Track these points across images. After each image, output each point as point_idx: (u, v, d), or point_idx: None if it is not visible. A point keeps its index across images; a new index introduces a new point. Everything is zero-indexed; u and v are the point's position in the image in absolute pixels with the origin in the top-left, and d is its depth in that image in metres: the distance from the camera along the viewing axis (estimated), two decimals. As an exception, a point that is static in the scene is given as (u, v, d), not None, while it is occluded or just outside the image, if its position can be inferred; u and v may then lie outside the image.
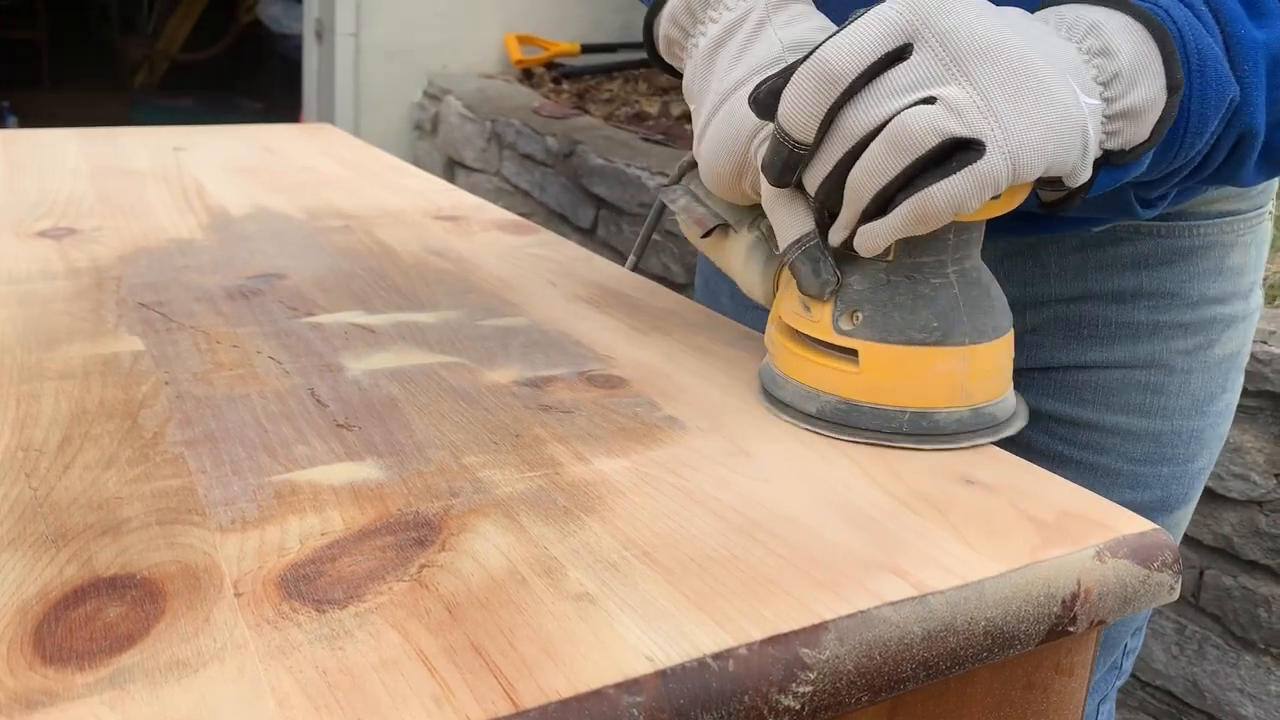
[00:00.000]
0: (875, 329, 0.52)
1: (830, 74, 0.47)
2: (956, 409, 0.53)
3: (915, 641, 0.39)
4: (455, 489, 0.46)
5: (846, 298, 0.53)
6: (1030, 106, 0.46)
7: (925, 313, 0.52)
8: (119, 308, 0.68)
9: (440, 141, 3.20)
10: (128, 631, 0.36)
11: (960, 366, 0.52)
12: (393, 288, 0.75)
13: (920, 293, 0.52)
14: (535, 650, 0.36)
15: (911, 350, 0.52)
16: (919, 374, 0.52)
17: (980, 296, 0.54)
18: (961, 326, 0.52)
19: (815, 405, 0.54)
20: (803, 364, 0.55)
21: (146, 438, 0.50)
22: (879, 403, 0.53)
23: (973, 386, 0.53)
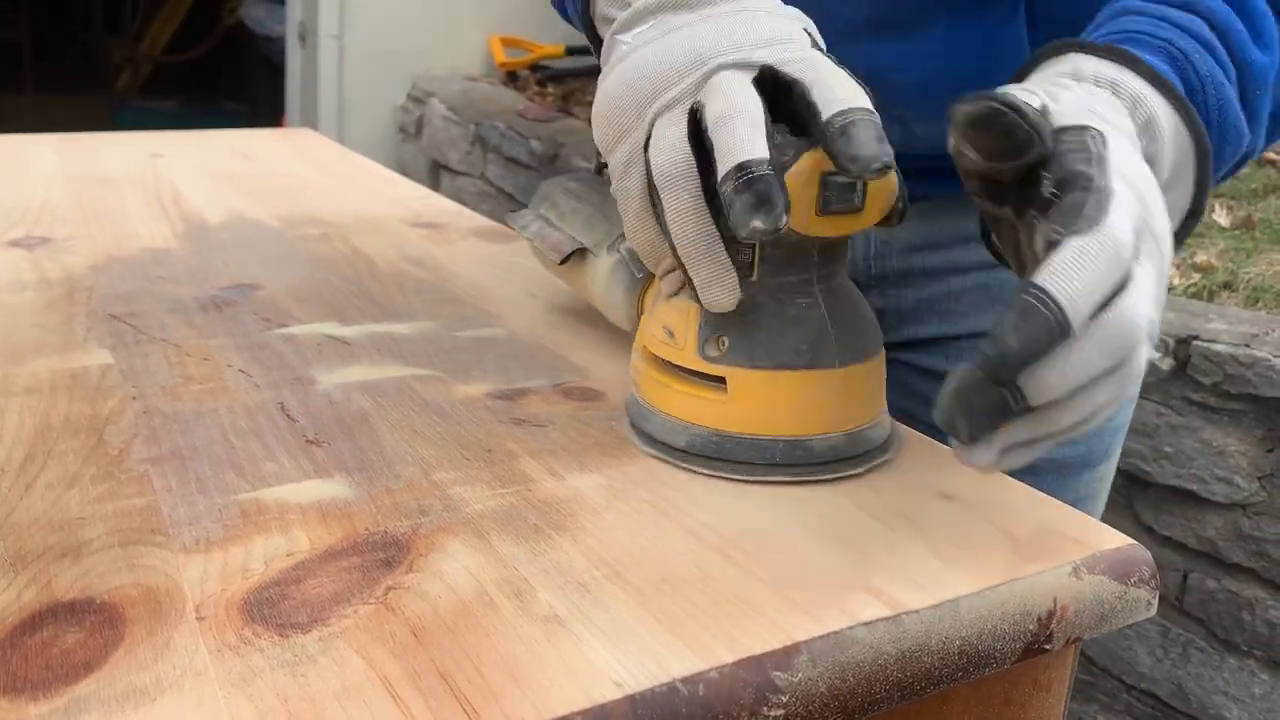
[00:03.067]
0: (742, 354, 0.49)
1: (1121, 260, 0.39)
2: (830, 435, 0.50)
3: (889, 662, 0.39)
4: (425, 507, 0.46)
5: (711, 322, 0.50)
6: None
7: (793, 335, 0.49)
8: (89, 319, 0.67)
9: (424, 144, 3.19)
10: (85, 659, 0.35)
11: (833, 390, 0.50)
12: (368, 298, 0.74)
13: (787, 314, 0.49)
14: (501, 675, 0.35)
15: (781, 375, 0.49)
16: (790, 400, 0.49)
17: (849, 315, 0.51)
18: (831, 348, 0.49)
19: (685, 438, 0.51)
20: (669, 394, 0.51)
21: (112, 455, 0.49)
22: (751, 433, 0.50)
23: (846, 411, 0.50)
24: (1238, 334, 1.48)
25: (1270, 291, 1.73)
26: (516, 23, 3.44)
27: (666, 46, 0.50)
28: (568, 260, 0.64)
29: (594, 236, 0.64)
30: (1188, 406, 1.52)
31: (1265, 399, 1.42)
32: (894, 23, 0.67)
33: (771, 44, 0.50)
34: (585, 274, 0.64)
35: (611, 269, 0.61)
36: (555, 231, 0.66)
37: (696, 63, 0.49)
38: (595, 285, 0.63)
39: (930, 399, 0.72)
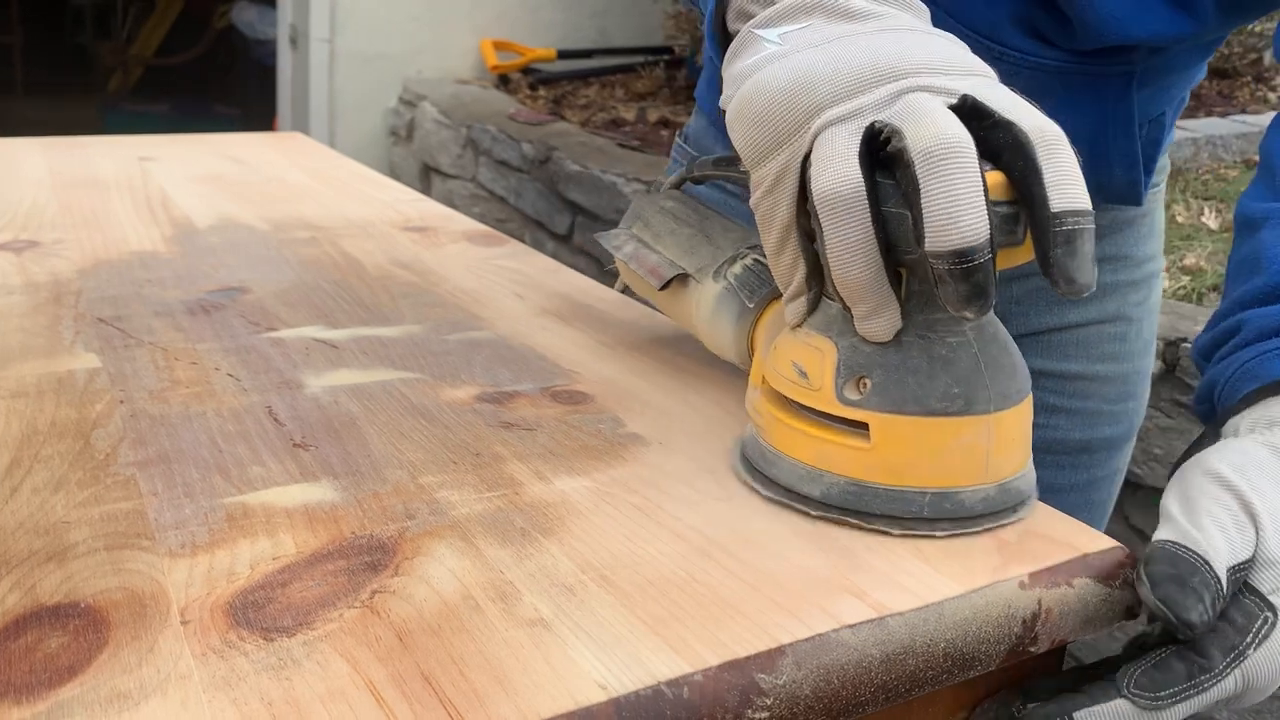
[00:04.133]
0: (887, 398, 0.45)
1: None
2: (982, 486, 0.46)
3: (874, 665, 0.39)
4: (411, 510, 0.46)
5: (851, 362, 0.45)
6: None
7: (944, 378, 0.44)
8: (77, 323, 0.67)
9: (416, 148, 3.19)
10: (69, 663, 0.35)
11: (985, 438, 0.45)
12: (357, 301, 0.74)
13: (936, 354, 0.45)
14: (486, 679, 0.35)
15: (931, 422, 0.44)
16: (940, 449, 0.45)
17: (1000, 355, 0.46)
18: (985, 392, 0.45)
19: (819, 488, 0.47)
20: (801, 439, 0.47)
21: (98, 459, 0.49)
22: (895, 484, 0.45)
23: (998, 459, 0.46)
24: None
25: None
26: (508, 26, 3.44)
27: (840, 52, 0.44)
28: (668, 286, 0.60)
29: (696, 261, 0.59)
30: (1176, 409, 1.52)
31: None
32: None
33: (970, 74, 0.45)
34: (686, 302, 0.60)
35: (718, 297, 0.57)
36: (652, 254, 0.62)
37: (884, 76, 0.43)
38: (699, 314, 0.59)
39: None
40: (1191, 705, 0.42)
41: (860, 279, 0.43)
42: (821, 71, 0.44)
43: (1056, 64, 0.67)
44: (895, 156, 0.41)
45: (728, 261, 0.57)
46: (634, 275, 0.64)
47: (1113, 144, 0.71)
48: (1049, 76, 0.67)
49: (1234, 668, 0.42)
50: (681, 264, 0.60)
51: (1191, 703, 0.42)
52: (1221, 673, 0.42)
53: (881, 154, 0.42)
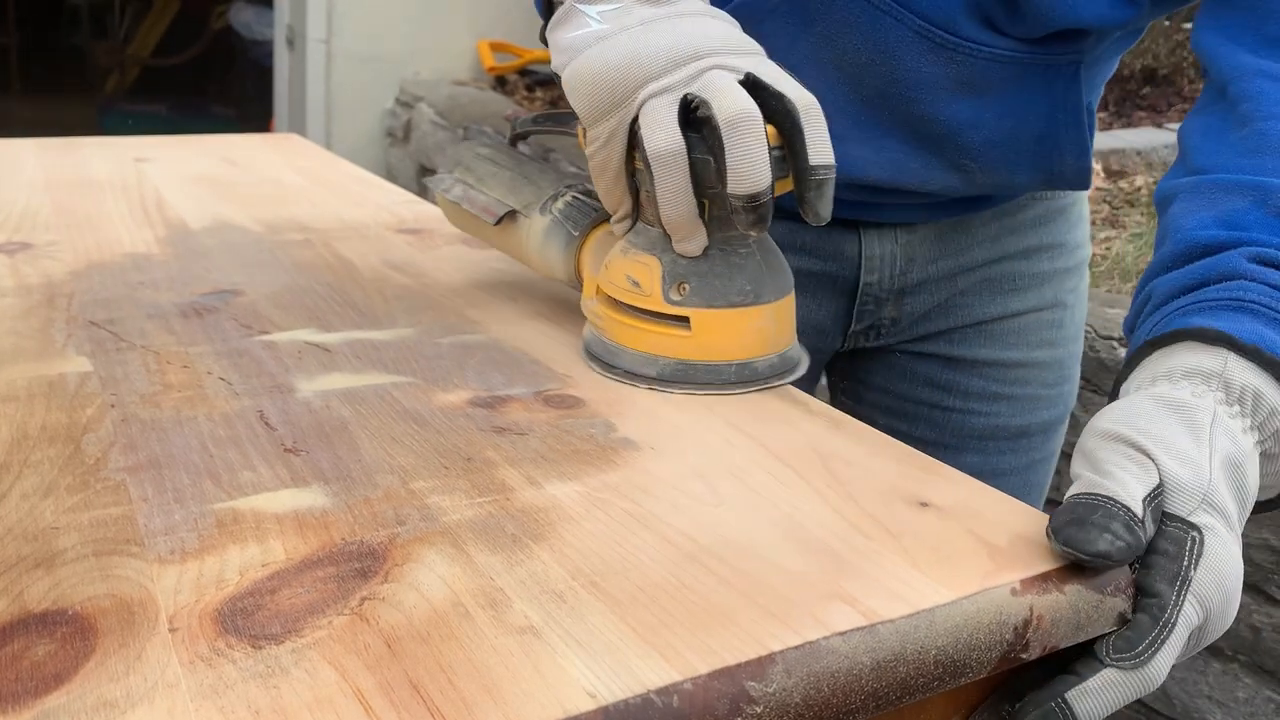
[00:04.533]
0: (702, 297, 0.59)
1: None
2: (768, 355, 0.61)
3: (864, 672, 0.39)
4: (402, 516, 0.46)
5: (672, 272, 0.60)
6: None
7: (740, 279, 0.60)
8: (68, 326, 0.67)
9: (412, 149, 3.19)
10: (55, 671, 0.35)
11: (770, 320, 0.61)
12: (350, 304, 0.74)
13: (733, 262, 0.60)
14: (475, 687, 0.35)
15: (734, 312, 0.60)
16: (741, 331, 0.60)
17: (774, 260, 0.62)
18: (768, 286, 0.61)
19: (654, 369, 0.61)
20: (637, 333, 0.61)
21: (88, 464, 0.49)
22: (710, 359, 0.60)
23: (778, 336, 0.62)
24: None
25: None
26: (505, 27, 3.44)
27: (655, 36, 0.57)
28: (500, 222, 0.70)
29: (522, 199, 0.70)
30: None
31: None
32: (971, 84, 0.72)
33: (750, 53, 0.58)
34: (517, 235, 0.70)
35: (547, 229, 0.68)
36: (480, 195, 0.72)
37: (689, 56, 0.56)
38: (530, 244, 0.69)
39: (932, 381, 0.89)
40: (1169, 649, 0.44)
41: (682, 214, 0.57)
42: (643, 52, 0.56)
43: (1009, 54, 0.71)
44: (703, 120, 0.55)
45: (550, 198, 0.69)
46: (464, 214, 0.74)
47: (1063, 132, 0.75)
48: (1003, 67, 0.72)
49: (1184, 593, 0.44)
50: (509, 202, 0.70)
51: (1168, 646, 0.44)
52: (1176, 603, 0.44)
53: (691, 117, 0.56)
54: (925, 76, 0.72)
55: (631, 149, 0.58)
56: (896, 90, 0.73)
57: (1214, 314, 0.52)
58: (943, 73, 0.72)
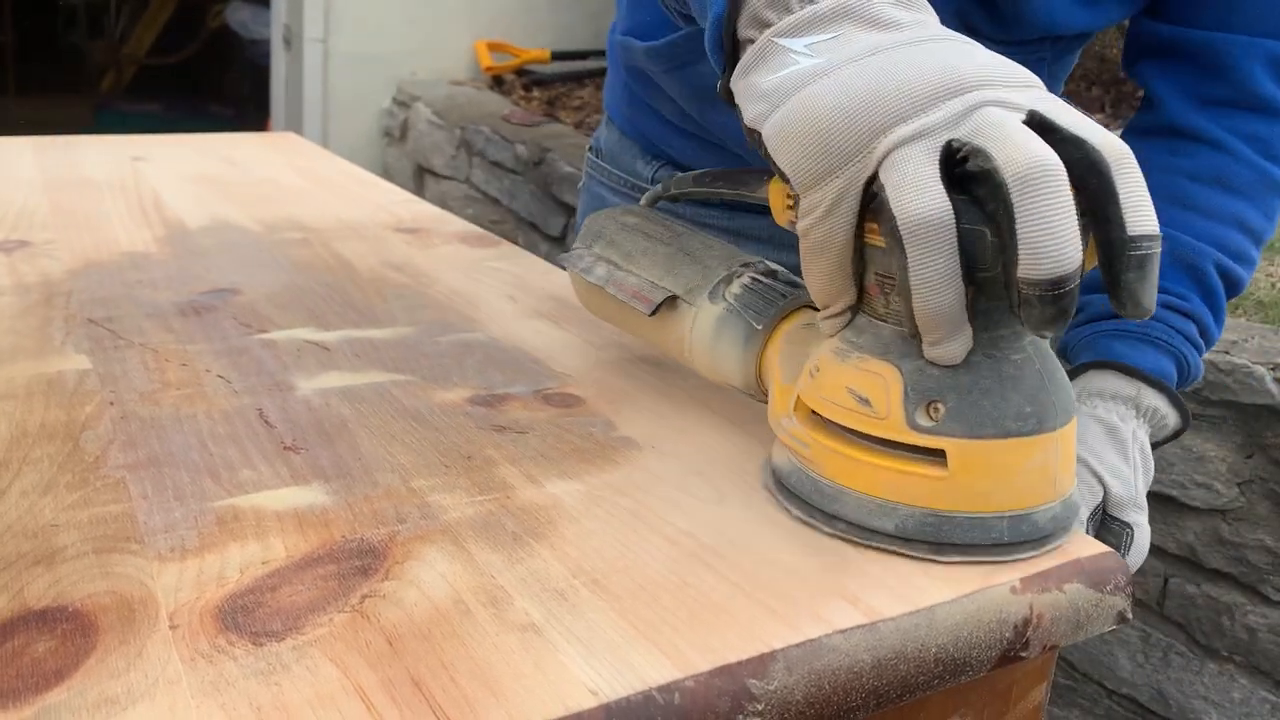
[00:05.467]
0: (964, 422, 0.43)
1: None
2: (1050, 504, 0.45)
3: (865, 670, 0.39)
4: (402, 514, 0.46)
5: (919, 387, 0.44)
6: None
7: (1016, 397, 0.43)
8: (67, 324, 0.67)
9: (409, 149, 3.19)
10: (56, 667, 0.35)
11: (1054, 455, 0.44)
12: (348, 303, 0.74)
13: (1005, 373, 0.44)
14: (476, 684, 0.35)
15: (1009, 443, 0.43)
16: (1017, 470, 0.44)
17: (1056, 370, 0.46)
18: (1052, 408, 0.44)
19: (893, 521, 0.44)
20: (866, 470, 0.45)
21: (88, 461, 0.49)
22: (974, 510, 0.44)
23: (1063, 476, 0.46)
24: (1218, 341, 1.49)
25: (1250, 299, 1.74)
26: (502, 27, 3.44)
27: (895, 66, 0.42)
28: (657, 311, 0.56)
29: (684, 282, 0.56)
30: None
31: (1244, 406, 1.43)
32: None
33: (1028, 85, 0.44)
34: (677, 327, 0.56)
35: (719, 320, 0.54)
36: (630, 276, 0.58)
37: (949, 90, 0.41)
38: (695, 339, 0.55)
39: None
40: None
41: (946, 306, 0.41)
42: (882, 87, 0.42)
43: None
44: (977, 176, 0.40)
45: (722, 281, 0.55)
46: (606, 300, 0.60)
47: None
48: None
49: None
50: (666, 285, 0.56)
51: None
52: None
53: (956, 171, 0.41)
54: None
55: (862, 219, 0.43)
56: None
57: (1131, 344, 0.71)
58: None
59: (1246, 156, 0.73)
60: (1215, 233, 0.73)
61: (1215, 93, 0.74)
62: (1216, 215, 0.73)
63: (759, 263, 0.56)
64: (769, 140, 0.45)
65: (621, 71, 0.89)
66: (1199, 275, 0.72)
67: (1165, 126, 0.76)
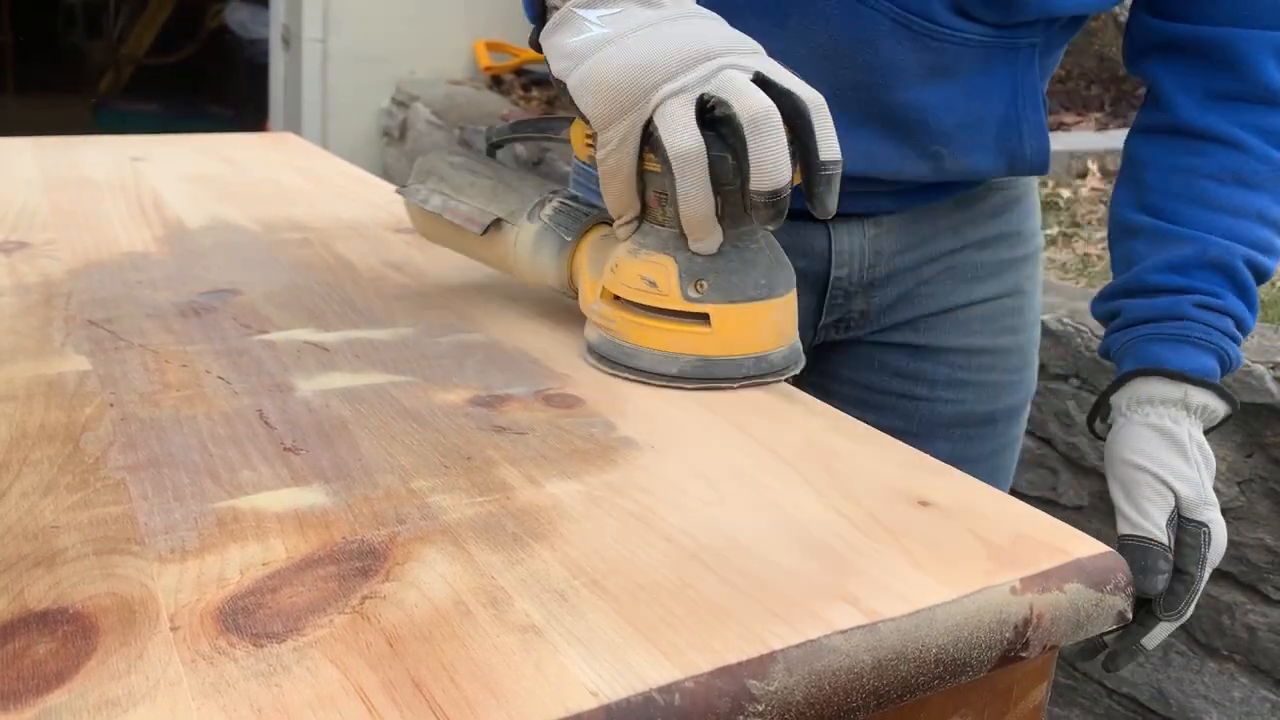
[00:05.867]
0: (721, 292, 0.60)
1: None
2: (781, 347, 0.63)
3: (865, 670, 0.39)
4: (402, 515, 0.46)
5: (689, 269, 0.60)
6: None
7: (755, 273, 0.61)
8: (67, 325, 0.67)
9: (409, 148, 3.18)
10: (57, 669, 0.35)
11: (783, 312, 0.62)
12: (348, 303, 0.74)
13: (746, 258, 0.61)
14: (477, 686, 0.35)
15: (752, 306, 0.61)
16: (758, 324, 0.61)
17: (781, 254, 0.63)
18: (779, 279, 0.62)
19: (676, 366, 0.61)
20: (655, 332, 0.61)
21: (88, 463, 0.49)
22: (729, 354, 0.61)
23: (788, 328, 0.63)
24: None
25: (1249, 297, 1.74)
26: (501, 27, 3.44)
27: (664, 38, 0.58)
28: (486, 231, 0.70)
29: (506, 206, 0.70)
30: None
31: (1244, 405, 1.43)
32: (942, 69, 0.76)
33: (754, 52, 0.60)
34: (502, 244, 0.70)
35: (537, 235, 0.68)
36: (463, 205, 0.71)
37: (700, 56, 0.57)
38: (518, 252, 0.69)
39: (899, 371, 0.93)
40: (1194, 602, 0.70)
41: (702, 212, 0.58)
42: (654, 54, 0.57)
43: (979, 38, 0.75)
44: (722, 119, 0.56)
45: (537, 205, 0.69)
46: (443, 225, 0.73)
47: (1024, 115, 0.80)
48: (972, 50, 0.75)
49: (1204, 567, 0.70)
50: (492, 210, 0.70)
51: (1197, 600, 0.70)
52: (1200, 574, 0.70)
53: (706, 116, 0.56)
54: (900, 63, 0.74)
55: (643, 151, 0.59)
56: (871, 79, 0.75)
57: (1172, 346, 0.74)
58: (917, 59, 0.75)
59: (1261, 151, 0.75)
60: (1240, 229, 0.75)
61: (1225, 87, 0.75)
62: (1240, 212, 0.75)
63: (564, 190, 0.71)
64: (573, 90, 0.59)
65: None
66: (1230, 272, 0.74)
67: (1175, 126, 0.77)
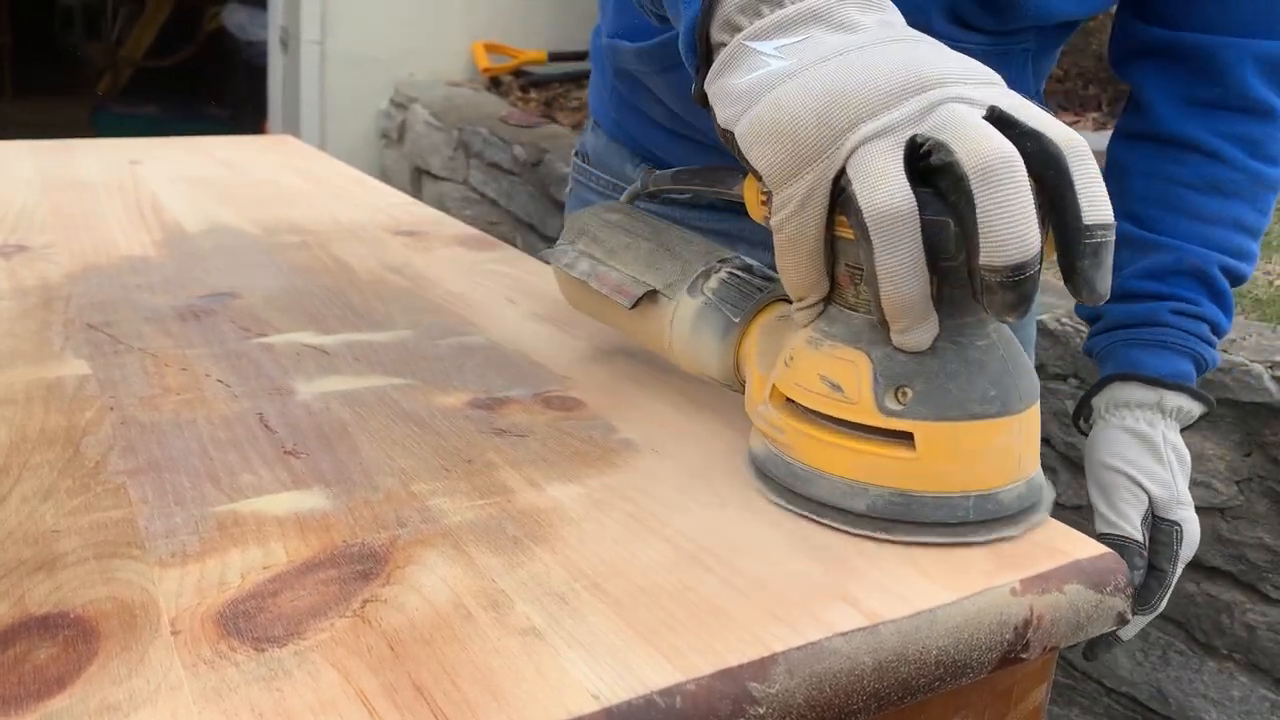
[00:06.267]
0: (931, 405, 0.45)
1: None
2: (1015, 484, 0.47)
3: (866, 672, 0.39)
4: (403, 518, 0.46)
5: (888, 373, 0.45)
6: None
7: (981, 380, 0.45)
8: (66, 329, 0.67)
9: (407, 150, 3.18)
10: (58, 674, 0.35)
11: (1017, 436, 0.46)
12: (348, 306, 0.74)
13: (971, 358, 0.46)
14: (478, 689, 0.35)
15: (973, 425, 0.45)
16: (981, 451, 0.46)
17: (1019, 355, 0.48)
18: (1015, 391, 0.46)
19: (864, 501, 0.46)
20: (839, 453, 0.47)
21: (88, 467, 0.49)
22: (940, 490, 0.45)
23: (1027, 456, 0.47)
24: (1216, 339, 1.49)
25: (1248, 297, 1.74)
26: (499, 28, 3.44)
27: (861, 66, 0.44)
28: (638, 305, 0.58)
29: (664, 276, 0.58)
30: (1167, 411, 1.52)
31: (1243, 404, 1.43)
32: None
33: (989, 83, 0.45)
34: (657, 320, 0.58)
35: (698, 313, 0.55)
36: (612, 271, 0.60)
37: (913, 88, 0.43)
38: (675, 332, 0.57)
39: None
40: (1167, 596, 0.72)
41: (911, 294, 0.43)
42: (848, 86, 0.43)
43: (974, 46, 0.71)
44: (939, 169, 0.42)
45: (701, 275, 0.56)
46: (588, 294, 0.62)
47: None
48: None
49: (1176, 564, 0.73)
50: (647, 280, 0.58)
51: (1169, 596, 0.73)
52: (1172, 570, 0.72)
53: (920, 165, 0.42)
54: None
55: (832, 213, 0.45)
56: None
57: (1150, 351, 0.75)
58: None
59: (1238, 161, 0.75)
60: (1216, 237, 0.76)
61: (1206, 94, 0.76)
62: (1216, 220, 0.76)
63: (736, 258, 0.57)
64: (741, 140, 0.46)
65: (608, 74, 0.89)
66: (1206, 279, 0.75)
67: (1156, 133, 0.78)
